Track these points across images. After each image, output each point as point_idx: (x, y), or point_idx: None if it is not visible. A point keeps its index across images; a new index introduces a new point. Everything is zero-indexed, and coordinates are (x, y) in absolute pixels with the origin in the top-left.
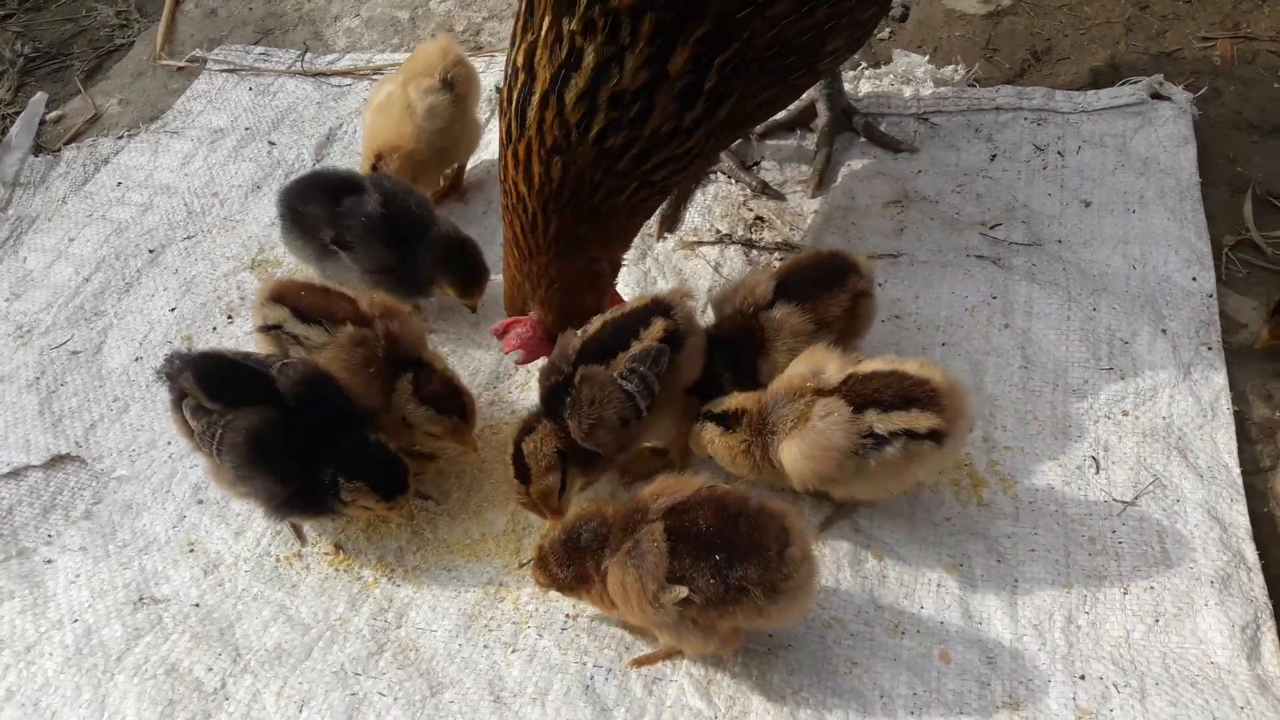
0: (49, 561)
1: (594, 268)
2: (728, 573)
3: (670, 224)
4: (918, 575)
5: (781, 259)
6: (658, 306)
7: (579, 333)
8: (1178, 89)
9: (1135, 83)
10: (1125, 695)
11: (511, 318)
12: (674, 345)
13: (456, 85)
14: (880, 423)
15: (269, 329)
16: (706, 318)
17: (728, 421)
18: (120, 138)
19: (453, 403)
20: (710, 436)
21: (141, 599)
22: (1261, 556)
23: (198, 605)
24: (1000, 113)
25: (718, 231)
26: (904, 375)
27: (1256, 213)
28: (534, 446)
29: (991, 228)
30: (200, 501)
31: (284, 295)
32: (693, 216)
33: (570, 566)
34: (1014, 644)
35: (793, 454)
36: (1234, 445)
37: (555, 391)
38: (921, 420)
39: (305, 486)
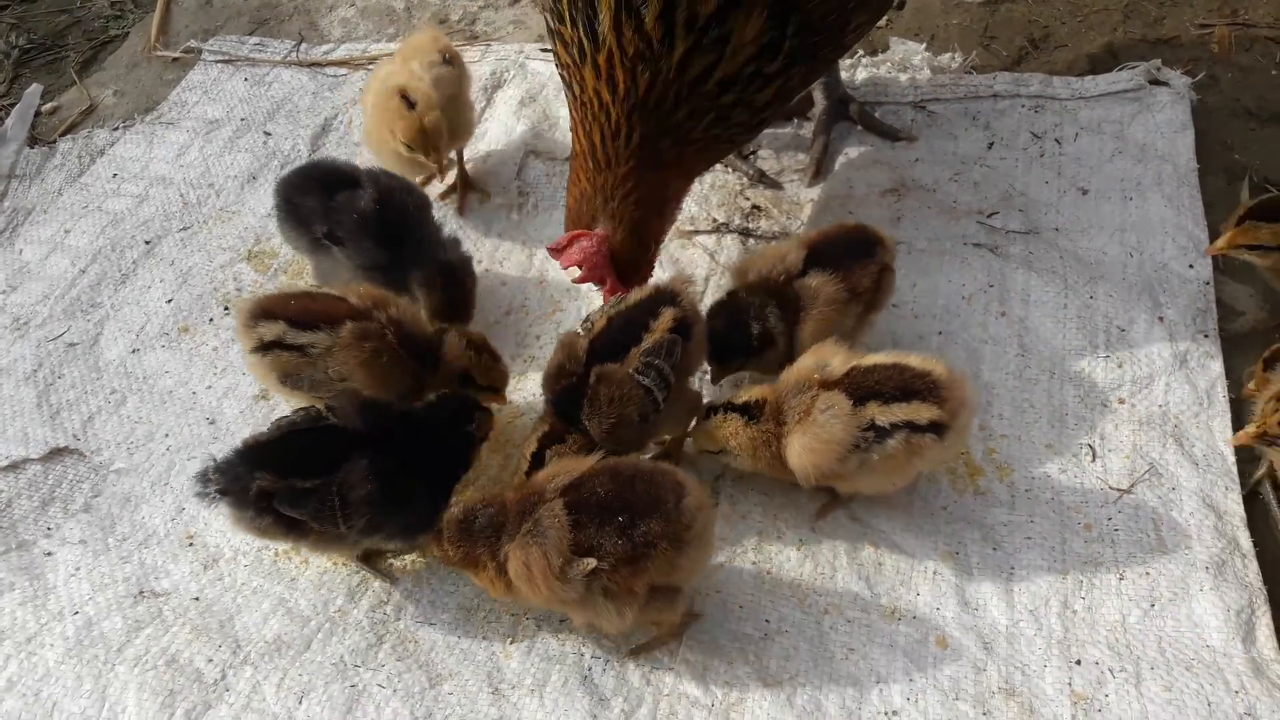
0: (49, 554)
1: (667, 191)
2: (632, 531)
3: None
4: (914, 563)
5: None
6: (663, 296)
7: (583, 332)
8: (1176, 73)
9: (1133, 68)
10: (1121, 680)
11: (575, 231)
12: (684, 335)
13: (454, 63)
14: (882, 414)
15: (266, 348)
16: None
17: (751, 412)
18: (116, 129)
19: (493, 350)
20: (734, 428)
21: (142, 592)
22: (1256, 543)
23: (198, 599)
24: (998, 100)
25: (715, 220)
26: (905, 368)
27: (1253, 199)
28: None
29: (989, 216)
30: (198, 493)
31: (273, 309)
32: (690, 205)
33: (460, 546)
34: (1010, 630)
35: (796, 449)
36: (1230, 433)
37: (568, 394)
38: (923, 412)
39: (428, 496)
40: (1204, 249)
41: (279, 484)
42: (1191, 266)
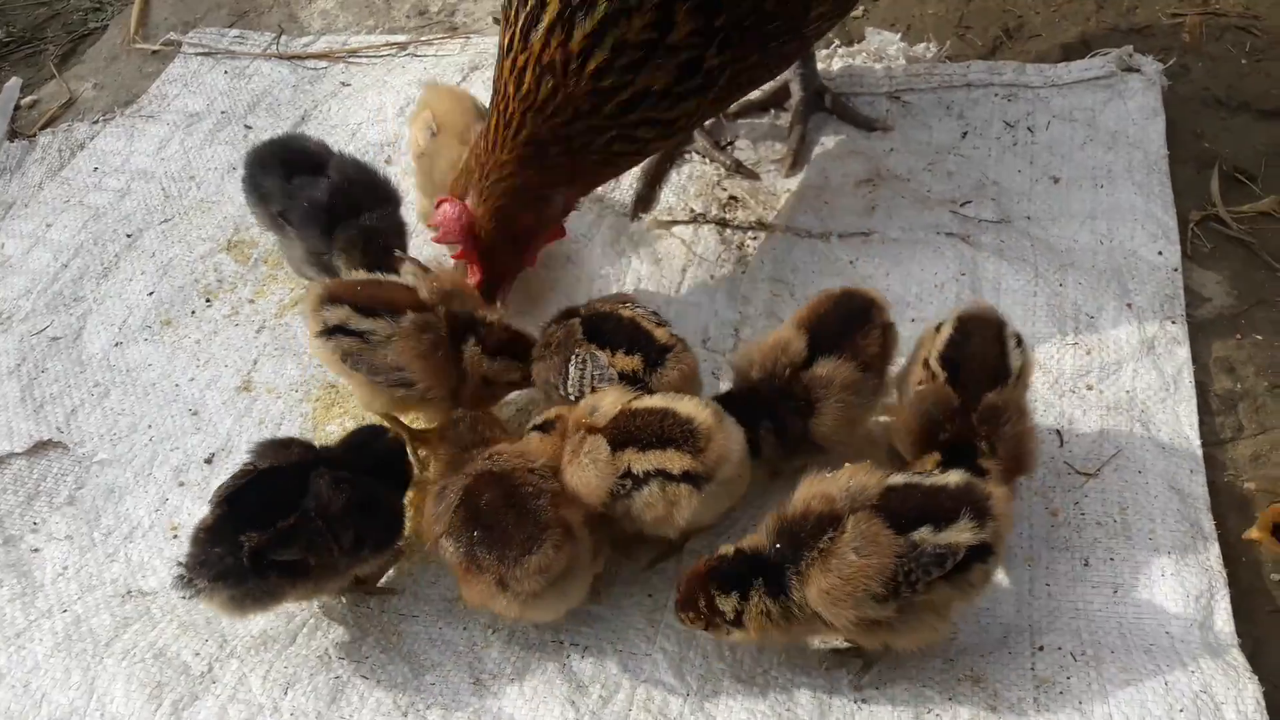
0: (36, 550)
1: (546, 192)
2: (474, 549)
3: (645, 203)
4: None
5: (755, 239)
6: (657, 354)
7: (615, 300)
8: (1148, 59)
9: (1105, 54)
10: (1082, 664)
11: (445, 197)
12: (636, 384)
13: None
14: (636, 462)
15: (331, 332)
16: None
17: (546, 428)
18: (96, 122)
19: (520, 346)
20: (535, 444)
21: (130, 592)
22: (1218, 526)
23: (185, 597)
24: (971, 89)
25: (692, 210)
26: (668, 413)
27: (1222, 188)
28: None
29: (962, 205)
30: (181, 484)
31: (340, 294)
32: (667, 195)
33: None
34: (975, 618)
35: (569, 483)
36: (1195, 418)
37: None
38: (676, 461)
39: (390, 502)
40: (1173, 235)
41: (266, 534)
42: (1160, 253)
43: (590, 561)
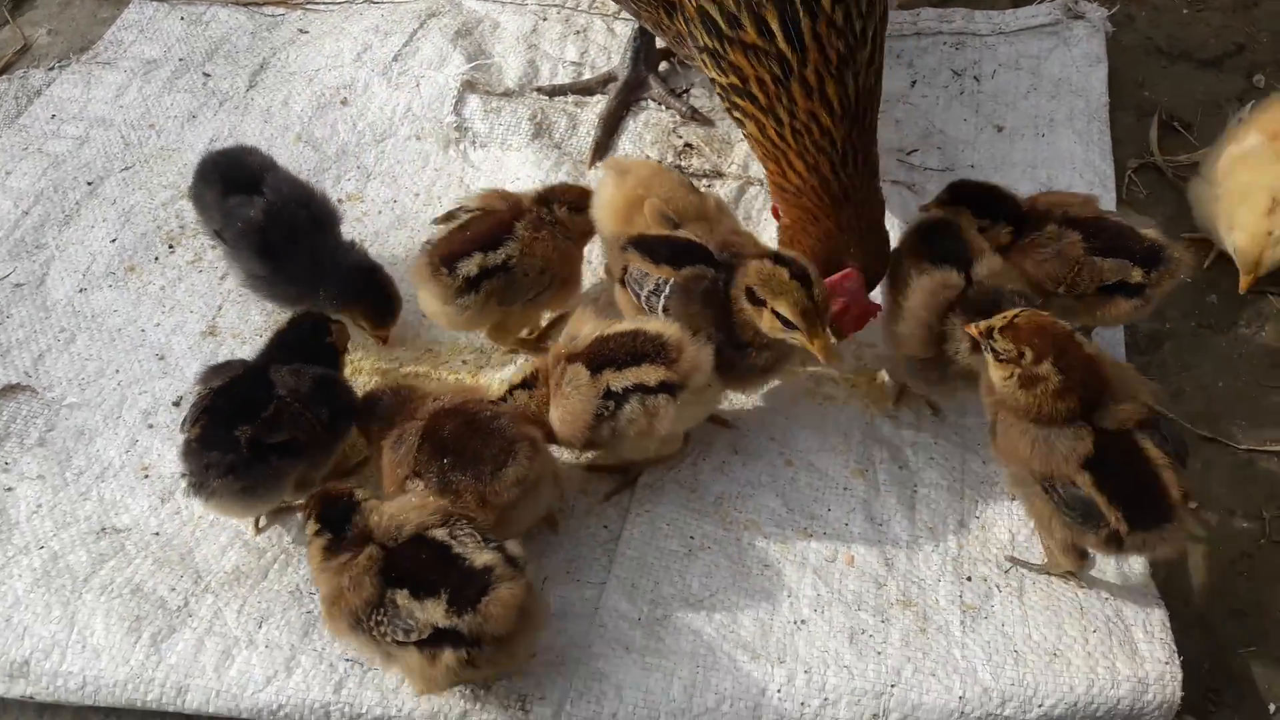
0: (9, 489)
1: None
2: (448, 474)
3: (602, 151)
4: (827, 480)
5: (710, 186)
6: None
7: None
8: (1092, 5)
9: (1052, 1)
10: (1006, 593)
11: (836, 276)
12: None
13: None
14: (615, 380)
15: (475, 284)
16: None
17: (530, 385)
18: (51, 69)
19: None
20: (524, 401)
21: (104, 529)
22: None
23: (158, 534)
24: (921, 38)
25: (647, 158)
26: (639, 333)
27: (1160, 136)
28: None
29: (908, 154)
30: (150, 426)
31: (456, 249)
32: (624, 143)
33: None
34: (910, 545)
35: (554, 420)
36: (1123, 357)
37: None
38: (651, 374)
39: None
40: (1110, 184)
41: (254, 425)
42: None
43: (554, 473)
